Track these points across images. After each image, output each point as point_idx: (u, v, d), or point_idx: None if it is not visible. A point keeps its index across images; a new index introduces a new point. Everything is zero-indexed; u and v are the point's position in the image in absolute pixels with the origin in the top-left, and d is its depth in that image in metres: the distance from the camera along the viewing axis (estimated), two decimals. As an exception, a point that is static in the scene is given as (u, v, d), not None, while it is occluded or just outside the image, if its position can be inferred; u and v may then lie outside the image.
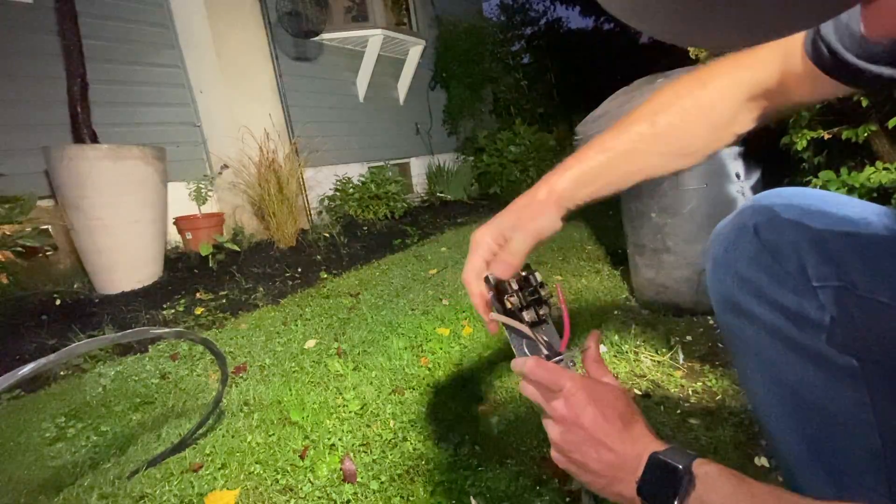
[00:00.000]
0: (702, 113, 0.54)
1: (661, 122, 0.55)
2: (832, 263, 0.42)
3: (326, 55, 4.38)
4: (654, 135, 0.55)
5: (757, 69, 0.52)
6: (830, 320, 0.42)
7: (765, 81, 0.51)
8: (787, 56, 0.49)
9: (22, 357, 1.84)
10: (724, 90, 0.53)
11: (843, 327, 0.42)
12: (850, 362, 0.43)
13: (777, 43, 0.51)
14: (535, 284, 0.53)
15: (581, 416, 0.44)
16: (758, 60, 0.51)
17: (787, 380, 0.48)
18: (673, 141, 0.55)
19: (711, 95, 0.53)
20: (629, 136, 0.56)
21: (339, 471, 1.03)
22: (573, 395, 0.45)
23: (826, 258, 0.42)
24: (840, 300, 0.42)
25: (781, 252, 0.44)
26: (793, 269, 0.43)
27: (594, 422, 0.44)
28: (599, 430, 0.43)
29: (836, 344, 0.43)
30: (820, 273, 0.42)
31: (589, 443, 0.44)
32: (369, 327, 1.84)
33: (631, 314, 1.68)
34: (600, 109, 1.69)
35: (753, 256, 0.45)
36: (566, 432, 0.45)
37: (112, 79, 2.98)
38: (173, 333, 0.97)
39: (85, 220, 2.40)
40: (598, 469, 0.43)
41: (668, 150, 0.55)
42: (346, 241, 3.41)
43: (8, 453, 1.27)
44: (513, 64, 7.27)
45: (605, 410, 0.44)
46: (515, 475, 0.94)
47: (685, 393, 1.16)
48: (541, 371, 0.47)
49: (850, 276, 0.41)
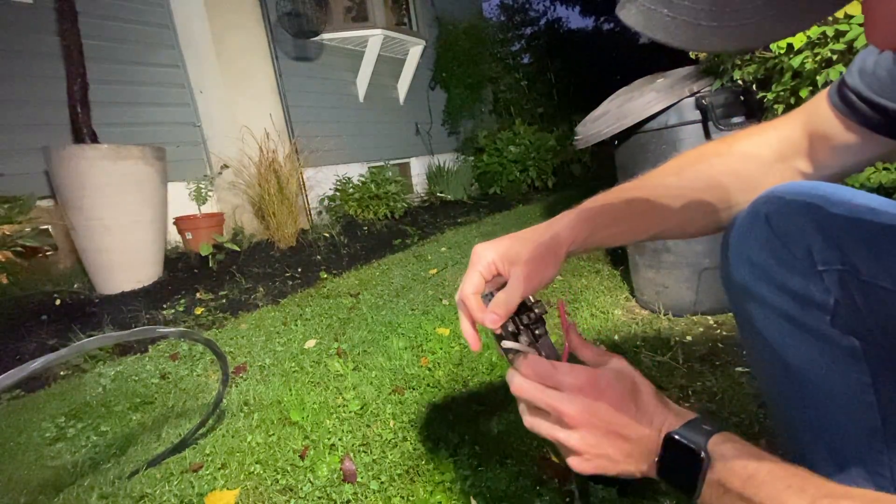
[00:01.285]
0: (729, 169, 0.54)
1: (688, 174, 0.55)
2: (837, 249, 0.43)
3: (326, 55, 4.38)
4: (679, 187, 0.54)
5: (781, 129, 0.54)
6: (834, 303, 0.44)
7: (790, 140, 0.52)
8: (811, 115, 0.51)
9: (22, 357, 1.84)
10: (750, 148, 0.54)
11: (847, 310, 0.44)
12: (853, 343, 0.45)
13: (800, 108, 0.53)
14: (529, 304, 0.52)
15: (595, 415, 0.43)
16: (781, 123, 0.54)
17: (794, 361, 0.50)
18: (697, 195, 0.54)
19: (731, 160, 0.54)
20: (651, 186, 0.55)
21: (339, 471, 1.03)
22: (581, 392, 0.43)
23: (831, 244, 0.43)
24: (844, 284, 0.43)
25: (790, 238, 0.45)
26: (800, 254, 0.45)
27: (608, 415, 0.42)
28: (615, 423, 0.42)
29: (839, 325, 0.45)
30: (825, 258, 0.43)
31: (609, 438, 0.42)
32: (369, 327, 1.84)
33: (631, 314, 1.68)
34: (600, 109, 1.69)
35: (764, 243, 0.47)
36: (586, 436, 0.43)
37: (112, 79, 2.98)
38: (178, 333, 0.98)
39: (85, 220, 2.40)
40: (621, 458, 0.43)
41: (689, 204, 0.54)
42: (346, 241, 3.41)
43: (8, 453, 1.27)
44: (513, 64, 7.28)
45: (614, 399, 0.43)
46: (515, 475, 0.94)
47: (685, 393, 1.16)
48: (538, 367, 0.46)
49: (854, 262, 0.43)
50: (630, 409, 0.43)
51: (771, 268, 0.47)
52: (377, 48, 4.58)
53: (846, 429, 0.49)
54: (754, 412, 1.04)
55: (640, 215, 0.54)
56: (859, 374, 0.46)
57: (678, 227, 0.56)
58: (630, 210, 0.54)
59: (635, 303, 1.77)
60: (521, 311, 0.52)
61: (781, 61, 1.20)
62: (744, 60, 1.36)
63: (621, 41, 10.37)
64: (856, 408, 0.47)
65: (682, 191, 0.55)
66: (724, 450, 0.38)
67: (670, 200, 0.54)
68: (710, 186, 0.54)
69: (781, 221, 0.46)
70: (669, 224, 0.55)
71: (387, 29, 4.55)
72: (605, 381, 0.44)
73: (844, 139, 0.49)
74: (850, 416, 0.48)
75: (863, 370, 0.46)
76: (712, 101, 1.40)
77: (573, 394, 0.44)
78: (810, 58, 1.11)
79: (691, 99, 1.45)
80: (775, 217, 0.46)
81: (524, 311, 0.52)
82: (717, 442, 0.38)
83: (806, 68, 1.12)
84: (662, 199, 0.54)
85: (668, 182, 0.55)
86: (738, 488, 0.36)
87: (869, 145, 0.48)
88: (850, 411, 0.48)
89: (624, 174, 1.70)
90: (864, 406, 0.47)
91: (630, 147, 1.61)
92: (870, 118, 0.47)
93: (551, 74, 7.67)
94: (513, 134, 5.40)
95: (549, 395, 0.44)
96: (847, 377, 0.47)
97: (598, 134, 1.60)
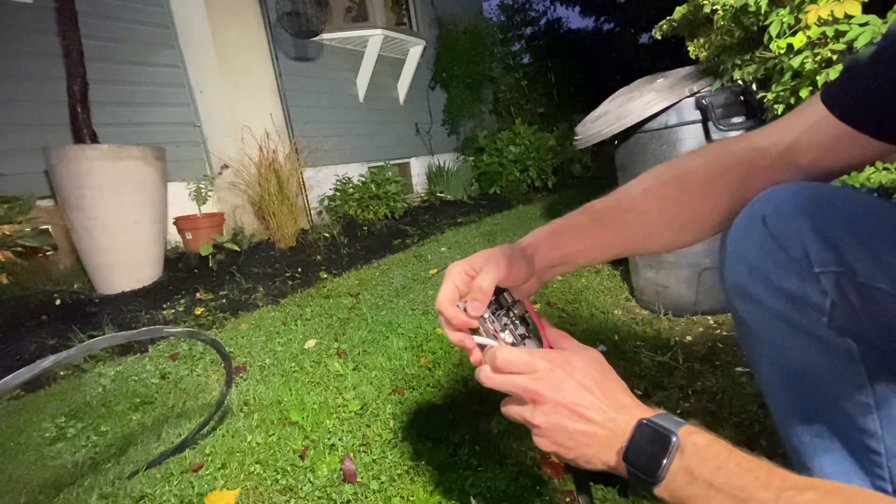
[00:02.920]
0: (696, 180, 0.54)
1: (654, 191, 0.56)
2: (834, 250, 0.43)
3: (326, 55, 4.38)
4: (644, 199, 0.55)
5: (761, 137, 0.53)
6: (831, 304, 0.44)
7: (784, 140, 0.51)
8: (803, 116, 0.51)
9: (22, 357, 1.84)
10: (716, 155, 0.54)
11: (843, 312, 0.44)
12: (849, 345, 0.45)
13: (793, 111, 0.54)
14: (507, 305, 0.53)
15: (560, 391, 0.44)
16: (775, 125, 0.53)
17: (791, 362, 0.50)
18: (666, 209, 0.55)
19: (699, 163, 0.54)
20: (614, 199, 0.57)
21: (339, 471, 1.03)
22: (551, 372, 0.45)
23: (828, 245, 0.43)
24: (840, 286, 0.43)
25: (787, 240, 0.45)
26: (797, 256, 0.45)
27: (575, 394, 0.44)
28: (581, 403, 0.44)
29: (836, 327, 0.45)
30: (822, 259, 0.43)
31: (572, 417, 0.44)
32: (369, 327, 1.84)
33: (631, 314, 1.68)
34: (600, 109, 1.69)
35: (761, 244, 0.47)
36: (550, 413, 0.45)
37: (112, 79, 2.98)
38: (185, 333, 0.98)
39: (85, 220, 2.40)
40: (584, 440, 0.43)
41: (660, 218, 0.55)
42: (346, 241, 3.41)
43: (8, 453, 1.27)
44: (513, 64, 7.28)
45: (584, 380, 0.45)
46: (515, 475, 0.94)
47: (685, 393, 1.16)
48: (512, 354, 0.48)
49: (851, 263, 0.42)
50: (597, 392, 0.44)
51: (768, 269, 0.47)
52: (377, 48, 4.58)
53: (843, 430, 0.49)
54: (754, 412, 1.04)
55: (602, 230, 0.56)
56: (856, 375, 0.46)
57: (643, 242, 0.57)
58: (592, 225, 0.56)
59: (635, 303, 1.77)
60: (502, 312, 0.53)
61: (781, 61, 1.20)
62: (744, 60, 1.36)
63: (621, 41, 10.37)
64: (854, 409, 0.47)
65: (647, 203, 0.56)
66: (696, 438, 0.39)
67: (634, 215, 0.56)
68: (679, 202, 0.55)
69: (778, 223, 0.46)
70: (634, 240, 0.57)
71: (387, 29, 4.55)
72: (577, 363, 0.46)
73: (837, 140, 0.49)
74: (847, 417, 0.48)
75: (859, 372, 0.46)
76: (712, 101, 1.40)
77: (542, 375, 0.45)
78: (810, 58, 1.11)
79: (691, 99, 1.45)
80: (772, 218, 0.46)
81: (505, 313, 0.52)
82: (688, 431, 0.39)
83: (806, 68, 1.12)
84: (626, 213, 0.56)
85: (633, 194, 0.57)
86: (706, 476, 0.36)
87: (862, 147, 0.48)
88: (847, 412, 0.48)
89: (624, 174, 1.70)
90: (861, 407, 0.47)
91: (630, 147, 1.61)
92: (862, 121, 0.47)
93: (551, 74, 7.67)
94: (513, 134, 5.40)
95: (517, 379, 0.47)
96: (844, 378, 0.47)
97: (598, 134, 1.60)
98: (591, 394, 0.44)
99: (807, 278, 0.44)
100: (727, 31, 1.38)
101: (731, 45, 1.40)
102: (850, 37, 1.02)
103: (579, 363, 0.46)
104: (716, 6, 1.33)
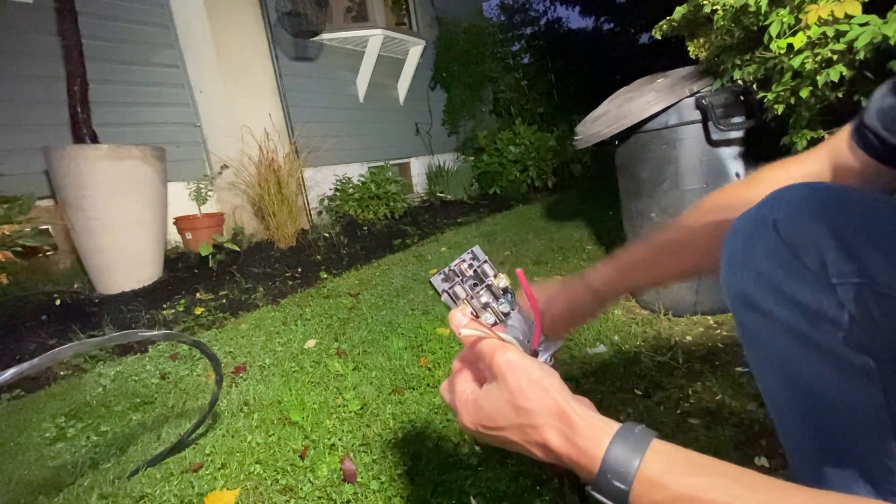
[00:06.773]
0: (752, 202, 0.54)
1: (708, 218, 0.57)
2: (853, 259, 0.40)
3: (326, 55, 4.38)
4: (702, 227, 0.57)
5: (807, 163, 0.54)
6: (849, 319, 0.41)
7: (816, 174, 0.52)
8: (834, 150, 0.52)
9: (22, 357, 1.84)
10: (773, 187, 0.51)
11: (862, 326, 0.41)
12: (867, 362, 0.42)
13: (824, 143, 0.54)
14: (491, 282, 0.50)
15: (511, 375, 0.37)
16: (806, 157, 0.54)
17: (801, 378, 0.47)
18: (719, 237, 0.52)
19: (759, 193, 0.51)
20: (675, 230, 0.59)
21: (339, 471, 1.03)
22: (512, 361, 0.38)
23: (847, 254, 0.40)
24: (860, 298, 0.40)
25: (801, 247, 0.42)
26: (812, 265, 0.41)
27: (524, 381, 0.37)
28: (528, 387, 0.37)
29: (853, 344, 0.41)
30: (840, 269, 0.40)
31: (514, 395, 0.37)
32: (369, 327, 1.84)
33: (631, 314, 1.68)
34: (600, 109, 1.69)
35: (772, 251, 0.44)
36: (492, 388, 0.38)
37: (112, 79, 2.98)
38: (162, 336, 0.93)
39: (85, 220, 2.40)
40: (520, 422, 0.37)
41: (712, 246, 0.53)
42: (346, 241, 3.41)
43: (8, 453, 1.27)
44: (513, 64, 7.26)
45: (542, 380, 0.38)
46: (515, 475, 0.94)
47: (685, 393, 1.16)
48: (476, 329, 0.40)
49: (871, 272, 0.39)
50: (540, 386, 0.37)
51: (779, 279, 0.43)
52: (377, 48, 4.58)
53: (855, 447, 0.46)
54: (754, 412, 1.04)
55: (668, 257, 0.59)
56: (873, 394, 0.43)
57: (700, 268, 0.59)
58: (657, 257, 0.59)
59: (635, 303, 1.77)
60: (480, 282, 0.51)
61: (781, 61, 1.20)
62: (744, 60, 1.36)
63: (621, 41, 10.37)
64: (866, 427, 0.44)
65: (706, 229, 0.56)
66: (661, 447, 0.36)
67: (697, 241, 0.57)
68: None
69: (791, 228, 0.42)
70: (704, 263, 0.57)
71: (387, 29, 4.55)
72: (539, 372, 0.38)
73: (865, 174, 0.49)
74: (861, 434, 0.45)
75: (876, 389, 0.42)
76: (712, 101, 1.40)
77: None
78: (810, 58, 1.11)
79: (691, 99, 1.45)
80: (784, 223, 0.43)
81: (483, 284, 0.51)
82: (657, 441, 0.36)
83: (806, 68, 1.12)
84: (690, 240, 0.58)
85: (691, 224, 0.58)
86: None
87: (888, 179, 0.49)
88: (861, 430, 0.45)
89: (624, 174, 1.70)
90: (876, 426, 0.44)
91: (630, 147, 1.61)
92: (885, 155, 0.47)
93: (551, 74, 7.66)
94: (513, 134, 5.39)
95: None
96: (858, 396, 0.43)
97: (598, 134, 1.60)
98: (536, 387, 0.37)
99: (823, 289, 0.41)
100: (727, 31, 1.38)
101: (731, 45, 1.40)
102: (850, 37, 1.02)
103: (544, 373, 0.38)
104: (716, 6, 1.33)
